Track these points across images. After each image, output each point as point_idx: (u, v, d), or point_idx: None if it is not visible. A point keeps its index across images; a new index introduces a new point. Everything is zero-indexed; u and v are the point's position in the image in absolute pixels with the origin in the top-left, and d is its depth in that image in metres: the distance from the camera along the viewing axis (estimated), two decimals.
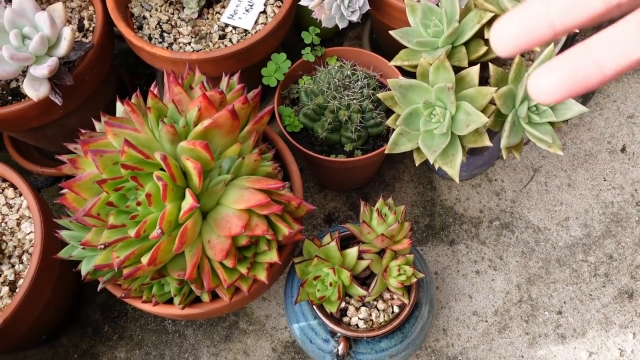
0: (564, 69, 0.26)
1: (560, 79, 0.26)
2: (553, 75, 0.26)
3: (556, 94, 0.26)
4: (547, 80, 0.26)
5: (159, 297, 0.72)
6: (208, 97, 0.67)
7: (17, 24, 0.76)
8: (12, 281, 0.75)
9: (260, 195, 0.65)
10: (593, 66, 0.25)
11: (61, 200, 0.66)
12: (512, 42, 0.26)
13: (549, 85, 0.26)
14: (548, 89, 0.26)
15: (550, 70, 0.26)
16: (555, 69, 0.26)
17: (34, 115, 0.85)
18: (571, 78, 0.26)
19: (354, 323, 0.79)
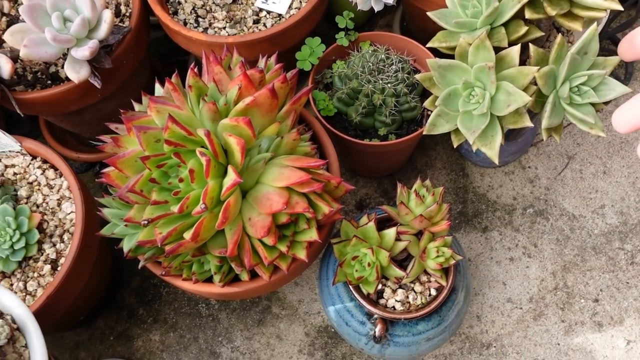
0: None
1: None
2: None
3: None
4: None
5: (199, 275, 0.72)
6: (248, 76, 0.67)
7: (59, 7, 0.78)
8: (54, 260, 0.76)
9: (300, 172, 0.65)
10: None
11: (104, 177, 0.67)
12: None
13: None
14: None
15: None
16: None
17: (74, 98, 0.86)
18: None
19: (390, 305, 0.79)
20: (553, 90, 0.76)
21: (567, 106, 0.75)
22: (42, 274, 0.76)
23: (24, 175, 0.82)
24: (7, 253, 0.74)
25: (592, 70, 0.74)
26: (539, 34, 0.80)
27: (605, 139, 1.12)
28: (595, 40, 0.75)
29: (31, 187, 0.81)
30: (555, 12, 0.74)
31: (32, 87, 0.87)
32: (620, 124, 0.35)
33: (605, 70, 0.75)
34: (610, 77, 0.76)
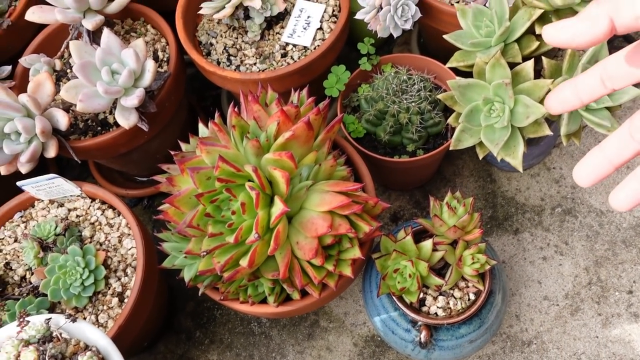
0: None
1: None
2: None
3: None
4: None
5: (254, 297, 0.78)
6: (285, 112, 0.73)
7: (107, 62, 0.85)
8: (120, 292, 0.84)
9: (341, 197, 0.71)
10: None
11: (163, 215, 0.74)
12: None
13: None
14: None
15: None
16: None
17: (124, 142, 0.93)
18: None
19: (432, 312, 0.84)
20: None
21: (584, 112, 0.80)
22: (111, 307, 0.83)
23: (86, 217, 0.90)
24: (78, 290, 0.81)
25: None
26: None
27: None
28: (604, 48, 0.80)
29: (93, 227, 0.89)
30: None
31: (84, 134, 0.95)
32: (581, 180, 0.41)
33: None
34: None
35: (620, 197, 0.39)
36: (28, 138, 0.85)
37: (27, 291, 0.84)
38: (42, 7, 0.92)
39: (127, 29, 1.05)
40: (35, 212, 0.91)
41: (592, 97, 0.40)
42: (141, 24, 1.05)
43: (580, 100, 0.41)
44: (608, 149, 0.40)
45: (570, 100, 0.41)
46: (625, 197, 0.39)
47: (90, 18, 0.93)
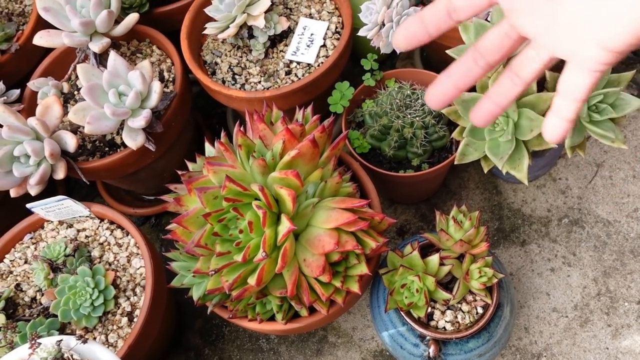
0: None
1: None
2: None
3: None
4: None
5: (263, 315, 0.79)
6: (290, 130, 0.74)
7: (114, 84, 0.87)
8: (130, 312, 0.84)
9: (347, 213, 0.71)
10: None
11: (171, 234, 0.75)
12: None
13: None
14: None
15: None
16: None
17: (131, 162, 0.94)
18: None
19: (441, 326, 0.84)
20: None
21: (588, 124, 0.80)
22: (121, 326, 0.83)
23: (95, 237, 0.91)
24: (88, 310, 0.82)
25: (607, 89, 0.79)
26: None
27: (632, 144, 1.15)
28: None
29: (102, 248, 0.90)
30: None
31: (92, 155, 0.96)
32: (431, 103, 0.46)
33: (619, 87, 0.80)
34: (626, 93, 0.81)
35: (476, 115, 0.45)
36: (37, 160, 0.86)
37: (37, 312, 0.85)
38: (49, 32, 0.94)
39: (133, 50, 1.06)
40: (45, 233, 0.92)
41: (439, 30, 0.43)
42: (147, 45, 1.07)
43: (428, 33, 0.43)
44: (454, 75, 0.44)
45: (417, 34, 0.43)
46: (481, 115, 0.45)
47: (96, 41, 0.94)
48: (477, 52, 0.43)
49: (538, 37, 0.40)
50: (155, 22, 1.08)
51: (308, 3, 1.08)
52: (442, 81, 0.44)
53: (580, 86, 0.40)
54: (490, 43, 0.42)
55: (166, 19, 1.09)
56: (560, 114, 0.42)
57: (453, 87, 0.44)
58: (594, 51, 0.37)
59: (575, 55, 0.38)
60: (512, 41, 0.42)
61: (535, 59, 0.41)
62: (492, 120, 0.45)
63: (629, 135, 1.16)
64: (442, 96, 0.44)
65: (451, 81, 0.44)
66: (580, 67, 0.39)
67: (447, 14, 0.42)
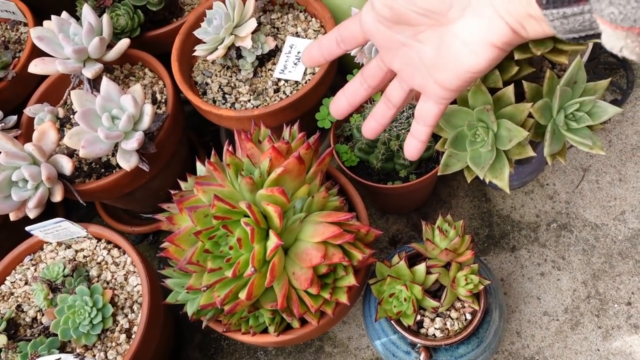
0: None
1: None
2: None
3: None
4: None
5: (256, 327, 0.81)
6: (277, 148, 0.77)
7: (107, 108, 0.90)
8: (128, 329, 0.86)
9: (333, 227, 0.74)
10: None
11: (165, 253, 0.77)
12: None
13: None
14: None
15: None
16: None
17: (126, 183, 0.97)
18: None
19: (431, 333, 0.86)
20: (550, 119, 0.83)
21: (565, 132, 0.82)
22: (120, 343, 0.86)
23: (92, 257, 0.93)
24: (87, 328, 0.84)
25: (583, 97, 0.82)
26: (530, 70, 0.88)
27: (617, 147, 1.18)
28: (581, 70, 0.83)
29: (100, 267, 0.92)
30: (540, 52, 0.82)
31: (89, 177, 0.99)
32: (333, 114, 0.57)
33: (595, 96, 0.82)
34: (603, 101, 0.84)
35: (366, 129, 0.56)
36: (35, 184, 0.89)
37: (38, 332, 0.87)
38: (44, 59, 0.97)
39: (126, 73, 1.09)
40: (44, 254, 0.95)
41: (331, 55, 0.53)
42: (139, 68, 1.10)
43: (323, 57, 0.54)
44: (347, 94, 0.55)
45: (316, 57, 0.54)
46: (369, 129, 0.56)
47: (89, 67, 0.97)
48: (362, 77, 0.54)
49: (400, 72, 0.50)
50: (147, 46, 1.11)
51: (294, 22, 1.11)
52: (339, 97, 0.56)
53: (430, 114, 0.50)
54: (370, 71, 0.53)
55: (157, 42, 1.13)
56: (416, 136, 0.52)
57: (347, 104, 0.55)
58: (435, 88, 0.47)
59: (424, 90, 0.48)
60: (383, 72, 0.52)
61: (399, 89, 0.52)
62: (378, 134, 0.57)
63: (614, 139, 1.19)
64: (340, 110, 0.56)
65: (345, 99, 0.55)
66: (429, 99, 0.49)
67: (336, 44, 0.52)
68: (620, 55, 0.33)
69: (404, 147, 0.54)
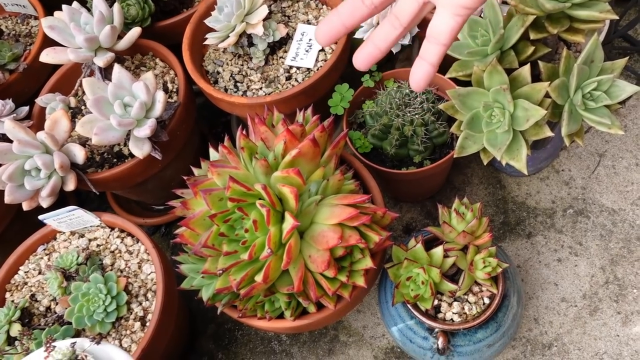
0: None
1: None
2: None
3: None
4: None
5: (272, 312, 0.80)
6: (291, 131, 0.76)
7: (119, 95, 0.89)
8: (142, 317, 0.86)
9: (349, 209, 0.73)
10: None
11: (179, 237, 0.76)
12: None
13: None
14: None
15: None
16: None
17: (139, 172, 0.97)
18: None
19: (448, 318, 0.85)
20: (567, 99, 0.82)
21: (583, 112, 0.81)
22: (134, 331, 0.85)
23: (106, 246, 0.93)
24: (102, 316, 0.84)
25: (600, 76, 0.80)
26: (546, 50, 0.86)
27: (633, 132, 1.16)
28: (598, 48, 0.82)
29: (114, 255, 0.92)
30: (556, 30, 0.81)
31: (101, 167, 0.99)
32: (319, 39, 0.49)
33: (613, 74, 0.81)
34: (620, 79, 0.82)
35: (359, 57, 0.48)
36: (48, 173, 0.89)
37: (52, 321, 0.87)
38: (55, 49, 0.97)
39: (137, 63, 1.09)
40: (58, 244, 0.95)
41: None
42: (150, 58, 1.09)
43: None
44: (342, 13, 0.47)
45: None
46: (363, 57, 0.48)
47: (101, 56, 0.97)
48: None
49: None
50: (158, 36, 1.10)
51: (305, 10, 1.10)
52: (331, 19, 0.48)
53: (445, 29, 0.44)
54: None
55: (168, 32, 1.12)
56: (427, 57, 0.45)
57: (341, 25, 0.47)
58: None
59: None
60: None
61: (412, 2, 0.45)
62: (372, 63, 0.49)
63: (630, 124, 1.17)
64: (330, 33, 0.48)
65: (340, 20, 0.47)
66: (445, 10, 0.43)
67: (361, 1, 0.46)
68: None
69: (410, 76, 0.46)
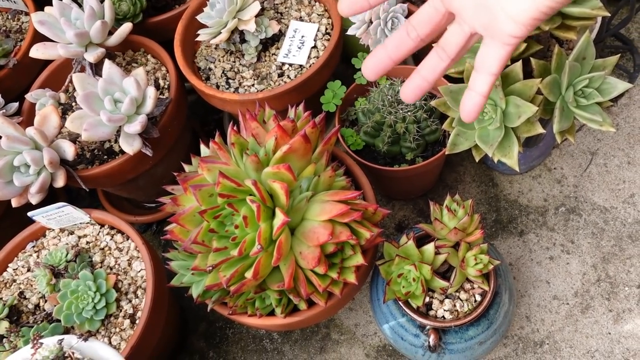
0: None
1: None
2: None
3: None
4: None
5: (262, 309, 0.80)
6: (282, 127, 0.76)
7: (109, 91, 0.88)
8: (132, 314, 0.85)
9: (340, 205, 0.72)
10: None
11: (169, 234, 0.76)
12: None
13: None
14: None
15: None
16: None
17: (130, 168, 0.96)
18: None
19: (440, 315, 0.84)
20: (559, 96, 0.82)
21: (575, 109, 0.81)
22: (123, 328, 0.84)
23: (95, 243, 0.92)
24: (91, 314, 0.83)
25: (592, 73, 0.80)
26: (538, 47, 0.86)
27: (625, 130, 1.16)
28: (590, 45, 0.82)
29: (103, 252, 0.91)
30: (548, 27, 0.81)
31: (91, 163, 0.98)
32: (366, 73, 0.49)
33: (604, 71, 0.81)
34: (612, 77, 0.82)
35: (407, 91, 0.48)
36: (37, 169, 0.88)
37: (41, 318, 0.86)
38: (45, 44, 0.96)
39: (128, 60, 1.08)
40: (47, 241, 0.94)
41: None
42: (141, 55, 1.09)
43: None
44: (389, 46, 0.48)
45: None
46: (411, 89, 0.48)
47: (91, 51, 0.96)
48: (410, 25, 0.47)
49: (461, 11, 0.44)
50: (149, 32, 1.10)
51: (298, 7, 1.10)
52: (377, 51, 0.48)
53: (495, 59, 0.44)
54: (421, 17, 0.47)
55: (159, 28, 1.12)
56: (476, 88, 0.46)
57: (387, 57, 0.48)
58: (505, 24, 0.42)
59: (490, 29, 0.43)
60: (440, 15, 0.46)
61: (459, 33, 0.45)
62: (420, 95, 0.49)
63: (622, 122, 1.17)
64: (377, 66, 0.49)
65: (386, 53, 0.48)
66: (494, 40, 0.43)
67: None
68: None
69: (461, 106, 0.47)
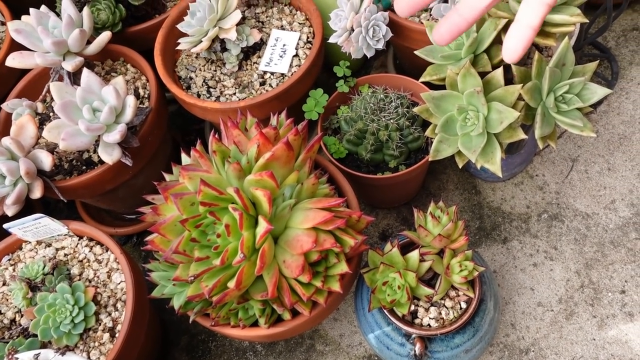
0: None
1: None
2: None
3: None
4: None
5: (245, 320, 0.78)
6: (264, 134, 0.75)
7: (88, 100, 0.87)
8: (111, 327, 0.83)
9: (323, 212, 0.72)
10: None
11: (150, 244, 0.74)
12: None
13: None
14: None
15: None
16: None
17: (109, 179, 0.94)
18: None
19: (425, 323, 0.83)
20: (540, 102, 0.83)
21: (556, 114, 0.82)
22: (103, 342, 0.82)
23: (74, 255, 0.90)
24: (69, 327, 0.81)
25: (572, 79, 0.81)
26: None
27: (604, 137, 1.17)
28: (569, 52, 0.82)
29: (82, 265, 0.89)
30: None
31: (70, 174, 0.96)
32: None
33: (584, 77, 0.82)
34: (592, 82, 0.83)
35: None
36: (13, 180, 0.86)
37: (17, 333, 0.83)
38: (22, 53, 0.94)
39: (107, 69, 1.07)
40: (23, 254, 0.91)
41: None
42: (121, 64, 1.07)
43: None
44: (462, 9, 0.45)
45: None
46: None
47: (69, 60, 0.95)
48: None
49: None
50: (129, 41, 1.09)
51: (279, 15, 1.09)
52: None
53: (536, 12, 0.42)
54: None
55: (140, 37, 1.11)
56: (525, 20, 0.43)
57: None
58: None
59: None
60: None
61: None
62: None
63: (601, 129, 1.18)
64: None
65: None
66: None
67: None
68: None
69: (503, 49, 0.45)
